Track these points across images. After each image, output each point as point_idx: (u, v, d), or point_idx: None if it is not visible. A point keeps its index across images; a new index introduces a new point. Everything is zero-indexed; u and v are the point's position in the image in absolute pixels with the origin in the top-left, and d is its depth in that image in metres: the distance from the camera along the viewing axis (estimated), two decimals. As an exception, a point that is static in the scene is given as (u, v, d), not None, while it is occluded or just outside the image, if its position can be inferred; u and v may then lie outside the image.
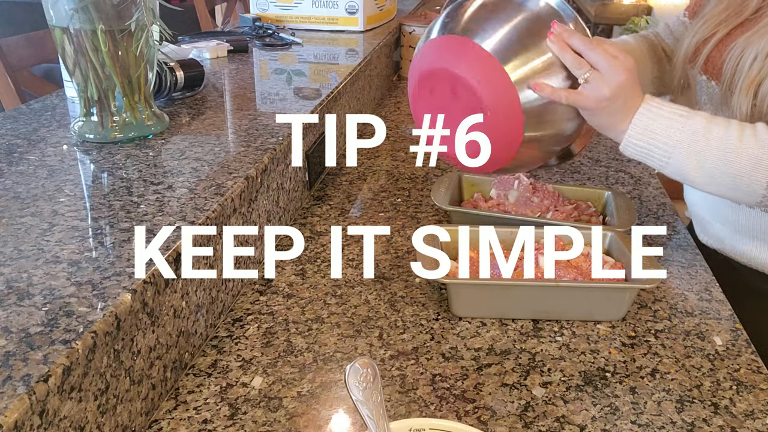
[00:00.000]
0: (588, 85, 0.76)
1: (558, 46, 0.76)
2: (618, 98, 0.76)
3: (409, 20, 1.86)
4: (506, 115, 0.77)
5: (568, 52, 0.76)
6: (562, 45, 0.76)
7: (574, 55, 0.76)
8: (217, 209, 0.73)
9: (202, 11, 2.61)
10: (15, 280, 0.58)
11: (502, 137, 0.79)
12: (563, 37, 0.76)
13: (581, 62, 0.76)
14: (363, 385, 0.54)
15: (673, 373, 0.72)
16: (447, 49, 0.80)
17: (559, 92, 0.76)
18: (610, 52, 0.76)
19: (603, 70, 0.76)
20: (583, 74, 0.76)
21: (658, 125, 0.78)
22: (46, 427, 0.47)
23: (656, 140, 0.78)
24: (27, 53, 1.61)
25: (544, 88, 0.76)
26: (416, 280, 0.88)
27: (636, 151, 0.80)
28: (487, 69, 0.76)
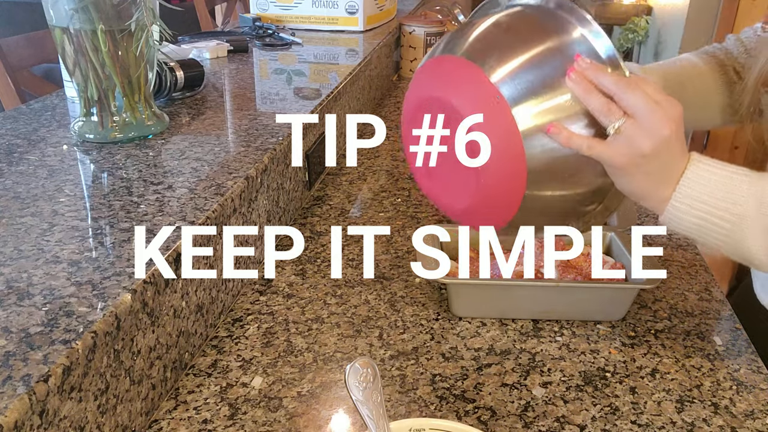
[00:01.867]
0: (620, 137, 0.59)
1: (581, 87, 0.59)
2: (659, 156, 0.60)
3: (409, 20, 1.86)
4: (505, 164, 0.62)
5: (595, 94, 0.59)
6: (586, 85, 0.59)
7: (602, 98, 0.59)
8: (217, 209, 0.73)
9: (202, 11, 2.61)
10: (15, 280, 0.58)
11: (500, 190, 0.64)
12: (589, 75, 0.59)
13: (611, 108, 0.59)
14: (363, 385, 0.54)
15: (673, 373, 0.72)
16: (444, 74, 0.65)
17: (578, 139, 0.60)
18: (652, 95, 0.59)
19: (642, 118, 0.59)
20: (613, 123, 0.59)
21: (713, 194, 0.61)
22: (46, 427, 0.47)
23: (712, 214, 0.62)
24: (27, 53, 1.61)
25: (561, 131, 0.59)
26: (416, 280, 0.88)
27: (684, 225, 0.64)
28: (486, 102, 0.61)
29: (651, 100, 0.59)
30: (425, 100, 0.67)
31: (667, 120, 0.59)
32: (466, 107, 0.62)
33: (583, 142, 0.60)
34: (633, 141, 0.59)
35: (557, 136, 0.60)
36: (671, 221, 0.64)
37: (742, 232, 0.62)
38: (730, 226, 0.62)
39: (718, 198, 0.61)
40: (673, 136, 0.60)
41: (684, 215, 0.63)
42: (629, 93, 0.59)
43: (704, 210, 0.62)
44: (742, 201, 0.61)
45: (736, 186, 0.61)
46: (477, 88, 0.61)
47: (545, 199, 0.65)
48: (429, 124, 0.67)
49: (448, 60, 0.65)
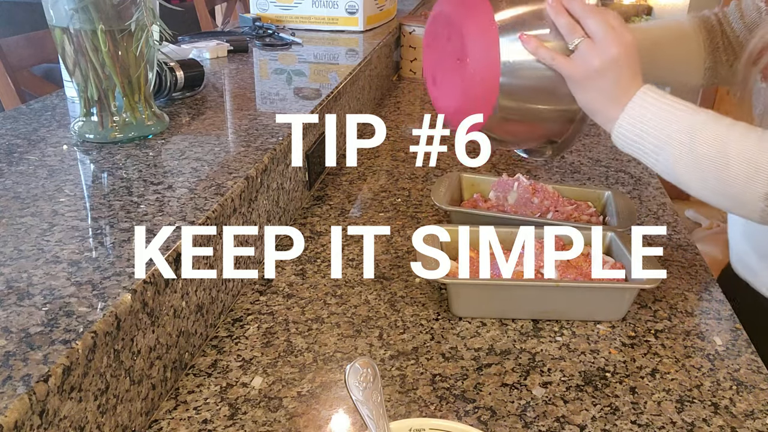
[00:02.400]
0: (577, 53, 0.72)
1: (554, 9, 0.72)
2: (608, 73, 0.71)
3: (409, 20, 1.86)
4: (485, 63, 0.75)
5: (563, 16, 0.72)
6: (558, 8, 0.72)
7: (569, 20, 0.72)
8: (217, 209, 0.73)
9: (202, 11, 2.61)
10: (15, 280, 0.58)
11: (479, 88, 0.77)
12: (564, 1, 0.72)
13: (575, 27, 0.72)
14: (363, 385, 0.54)
15: (673, 373, 0.72)
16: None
17: (544, 50, 0.72)
18: (610, 22, 0.71)
19: (597, 39, 0.71)
20: (574, 40, 0.72)
21: (651, 116, 0.71)
22: (46, 427, 0.47)
23: (647, 133, 0.71)
24: (27, 53, 1.61)
25: (530, 40, 0.73)
26: (416, 280, 0.88)
27: (626, 144, 0.74)
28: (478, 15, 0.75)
29: (608, 25, 0.71)
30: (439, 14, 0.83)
31: (618, 42, 0.71)
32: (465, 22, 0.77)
33: (547, 53, 0.73)
34: (587, 56, 0.71)
35: (527, 44, 0.73)
36: (617, 139, 0.74)
37: (669, 153, 0.70)
38: (660, 144, 0.71)
39: (656, 119, 0.71)
40: (621, 57, 0.71)
41: (627, 132, 0.73)
42: (591, 17, 0.71)
43: (642, 129, 0.71)
44: (672, 125, 0.70)
45: (672, 112, 0.71)
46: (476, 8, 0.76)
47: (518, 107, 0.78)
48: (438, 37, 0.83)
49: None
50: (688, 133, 0.69)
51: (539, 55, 0.73)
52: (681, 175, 0.71)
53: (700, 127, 0.69)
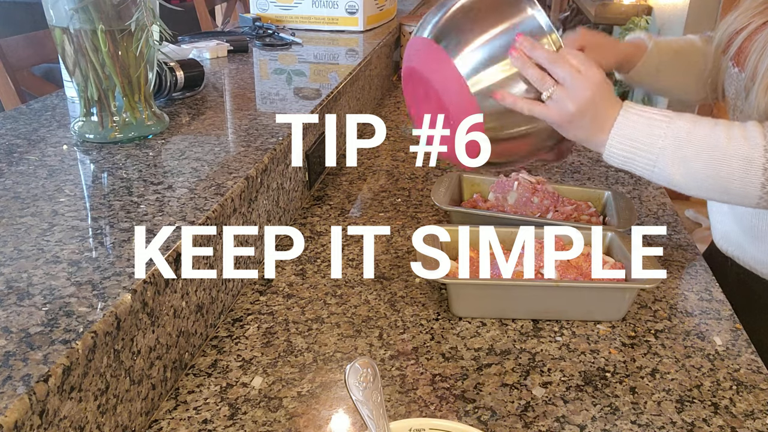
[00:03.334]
0: (552, 101, 0.74)
1: (520, 62, 0.74)
2: (586, 113, 0.74)
3: (409, 20, 1.86)
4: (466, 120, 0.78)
5: (531, 68, 0.74)
6: (524, 60, 0.74)
7: (536, 71, 0.74)
8: (217, 209, 0.73)
9: (202, 11, 2.61)
10: (15, 280, 0.58)
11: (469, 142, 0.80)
12: (526, 51, 0.74)
13: (544, 78, 0.74)
14: (363, 385, 0.54)
15: (673, 373, 0.72)
16: (419, 51, 0.82)
17: (520, 102, 0.75)
18: (576, 66, 0.74)
19: (567, 85, 0.74)
20: (546, 90, 0.74)
21: (639, 133, 0.75)
22: (46, 427, 0.47)
23: (639, 149, 0.75)
24: (27, 53, 1.61)
25: (506, 97, 0.75)
26: (416, 280, 0.88)
27: (620, 161, 0.77)
28: (449, 76, 0.77)
29: (574, 69, 0.74)
30: (411, 69, 0.85)
31: (588, 84, 0.73)
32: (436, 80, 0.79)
33: (524, 105, 0.75)
34: (562, 104, 0.74)
35: (503, 101, 0.75)
36: (609, 157, 0.77)
37: (664, 162, 0.74)
38: (653, 157, 0.75)
39: (643, 135, 0.74)
40: (595, 96, 0.74)
41: (618, 151, 0.76)
42: (557, 65, 0.74)
43: (633, 146, 0.75)
44: (662, 136, 0.74)
45: (657, 125, 0.74)
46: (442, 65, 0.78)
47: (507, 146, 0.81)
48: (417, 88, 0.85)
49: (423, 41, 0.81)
50: (676, 143, 0.74)
51: (518, 109, 0.75)
52: (679, 183, 0.75)
53: (685, 134, 0.74)
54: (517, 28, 0.75)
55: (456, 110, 0.78)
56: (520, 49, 0.74)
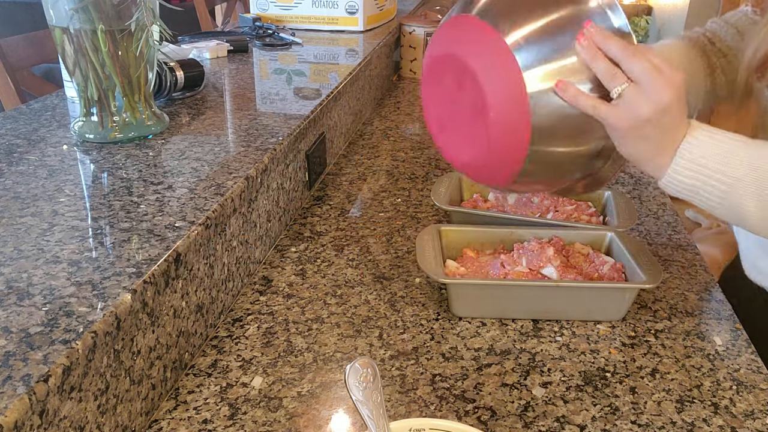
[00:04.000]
0: (622, 101, 0.62)
1: (589, 52, 0.62)
2: (659, 122, 0.62)
3: (409, 20, 1.86)
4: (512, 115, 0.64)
5: (601, 60, 0.62)
6: (593, 51, 0.62)
7: (607, 63, 0.62)
8: (217, 209, 0.73)
9: (202, 11, 2.61)
10: (15, 280, 0.58)
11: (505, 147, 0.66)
12: (597, 41, 0.62)
13: (616, 73, 0.62)
14: (363, 385, 0.54)
15: (673, 373, 0.72)
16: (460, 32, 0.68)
17: (584, 98, 0.62)
18: (655, 63, 0.62)
19: (644, 84, 0.61)
20: (617, 87, 0.62)
21: (710, 159, 0.63)
22: (46, 427, 0.47)
23: (710, 176, 0.64)
24: (27, 53, 1.61)
25: (567, 89, 0.62)
26: (416, 280, 0.88)
27: (683, 189, 0.66)
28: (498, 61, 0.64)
29: (653, 67, 0.61)
30: (444, 56, 0.69)
31: (668, 87, 0.62)
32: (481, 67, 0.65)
33: (588, 102, 0.62)
34: (634, 105, 0.62)
35: (564, 93, 0.62)
36: (669, 184, 0.66)
37: (737, 196, 0.64)
38: (726, 188, 0.64)
39: (716, 162, 0.63)
40: (673, 103, 0.62)
41: (682, 178, 0.65)
42: (633, 60, 0.61)
43: (703, 173, 0.64)
44: (737, 165, 0.63)
45: (733, 151, 0.63)
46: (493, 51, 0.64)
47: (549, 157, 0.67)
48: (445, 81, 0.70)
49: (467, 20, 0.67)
50: (755, 173, 0.63)
51: (579, 105, 0.63)
52: (751, 219, 0.65)
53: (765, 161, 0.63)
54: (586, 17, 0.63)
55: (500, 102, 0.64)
56: (589, 36, 0.62)
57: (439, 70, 0.72)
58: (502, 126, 0.65)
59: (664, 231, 1.04)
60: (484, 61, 0.65)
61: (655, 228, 1.04)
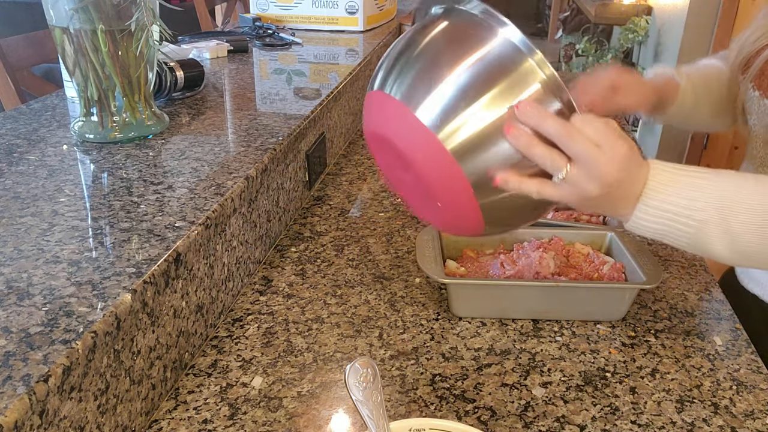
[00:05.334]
0: (566, 183, 0.59)
1: (521, 141, 0.56)
2: (608, 195, 0.60)
3: (409, 20, 1.86)
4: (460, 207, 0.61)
5: (537, 147, 0.57)
6: (526, 140, 0.56)
7: (544, 149, 0.57)
8: (217, 209, 0.73)
9: (202, 11, 2.61)
10: (15, 280, 0.58)
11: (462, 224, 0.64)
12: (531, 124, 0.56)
13: (554, 158, 0.58)
14: (363, 385, 0.54)
15: (673, 373, 0.72)
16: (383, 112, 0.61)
17: (527, 185, 0.58)
18: (595, 139, 0.58)
19: (585, 166, 0.58)
20: (559, 173, 0.58)
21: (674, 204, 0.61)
22: (46, 427, 0.47)
23: (674, 221, 0.62)
24: (27, 53, 1.61)
25: (510, 180, 0.58)
26: (416, 280, 0.88)
27: (648, 232, 0.64)
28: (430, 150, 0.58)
29: (592, 147, 0.57)
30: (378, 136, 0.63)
31: (610, 164, 0.58)
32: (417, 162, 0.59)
33: (532, 188, 0.59)
34: (579, 187, 0.59)
35: (506, 186, 0.58)
36: (636, 228, 0.64)
37: (704, 236, 0.62)
38: (693, 231, 0.62)
39: (681, 206, 0.61)
40: (621, 173, 0.59)
41: (648, 224, 0.63)
42: (570, 141, 0.57)
43: (667, 218, 0.62)
44: (702, 206, 0.61)
45: (697, 191, 0.61)
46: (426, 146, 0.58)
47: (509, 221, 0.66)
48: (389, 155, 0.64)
49: (382, 98, 0.61)
50: (720, 214, 0.61)
51: (523, 192, 0.59)
52: (722, 256, 0.64)
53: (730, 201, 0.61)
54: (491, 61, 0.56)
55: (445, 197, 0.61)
56: (517, 129, 0.56)
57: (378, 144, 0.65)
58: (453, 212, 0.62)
59: (664, 231, 1.04)
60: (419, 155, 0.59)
61: (655, 228, 1.04)
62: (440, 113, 0.56)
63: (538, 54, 0.56)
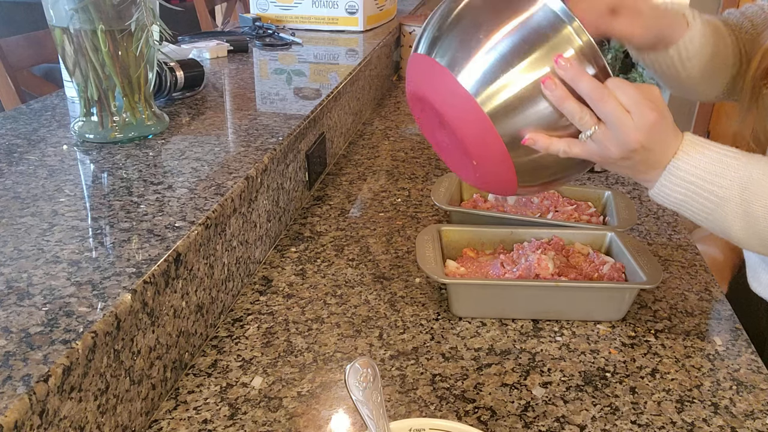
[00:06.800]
0: (592, 142, 0.62)
1: (556, 95, 0.59)
2: (632, 157, 0.62)
3: (409, 20, 1.86)
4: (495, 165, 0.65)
5: (569, 102, 0.60)
6: (561, 93, 0.59)
7: (576, 105, 0.60)
8: (217, 209, 0.73)
9: (202, 11, 2.61)
10: (15, 280, 0.58)
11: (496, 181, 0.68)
12: (567, 79, 0.59)
13: (584, 116, 0.61)
14: (363, 385, 0.54)
15: (673, 373, 0.72)
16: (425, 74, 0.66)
17: (556, 144, 0.62)
18: (625, 104, 0.60)
19: (611, 128, 0.61)
20: (586, 131, 0.61)
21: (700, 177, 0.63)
22: (46, 427, 0.47)
23: (697, 194, 0.63)
24: (27, 53, 1.61)
25: (538, 140, 0.62)
26: (416, 280, 0.88)
27: (669, 201, 0.65)
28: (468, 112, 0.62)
29: (621, 111, 0.60)
30: (418, 96, 0.68)
31: (636, 132, 0.60)
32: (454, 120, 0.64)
33: (560, 147, 0.62)
34: (603, 147, 0.62)
35: (535, 146, 0.62)
36: (658, 196, 0.66)
37: (724, 214, 0.63)
38: (713, 207, 0.63)
39: (706, 180, 0.63)
40: (647, 142, 0.61)
41: (671, 192, 0.64)
42: (602, 102, 0.60)
43: (691, 189, 0.63)
44: (727, 184, 0.62)
45: (724, 169, 0.62)
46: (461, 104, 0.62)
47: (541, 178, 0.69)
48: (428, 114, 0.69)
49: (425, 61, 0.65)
50: (743, 195, 0.62)
51: (552, 151, 0.62)
52: (736, 237, 0.65)
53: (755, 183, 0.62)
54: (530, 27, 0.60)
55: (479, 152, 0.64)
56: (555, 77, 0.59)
57: (418, 104, 0.70)
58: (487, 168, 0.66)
59: (664, 231, 1.04)
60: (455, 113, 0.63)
61: (655, 228, 1.04)
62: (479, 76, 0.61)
63: (576, 21, 0.59)
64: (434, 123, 0.68)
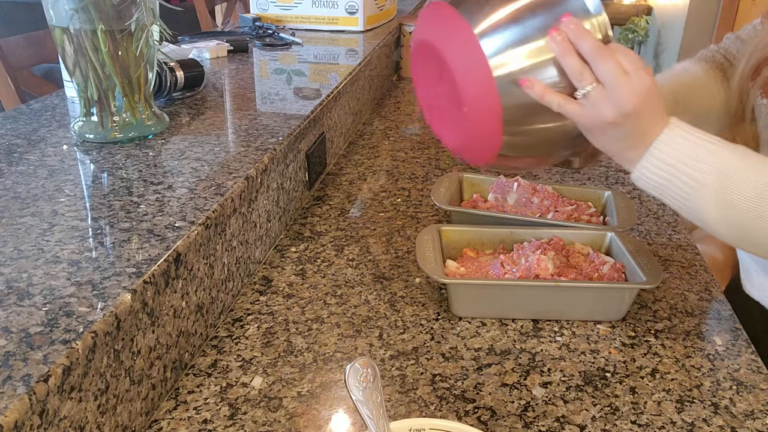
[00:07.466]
0: (587, 101, 0.62)
1: (561, 47, 0.61)
2: (624, 124, 0.63)
3: (409, 20, 1.86)
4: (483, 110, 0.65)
5: (572, 57, 0.61)
6: (565, 46, 0.61)
7: (577, 61, 0.61)
8: (217, 209, 0.73)
9: (202, 11, 2.61)
10: (15, 280, 0.58)
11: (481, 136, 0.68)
12: (571, 36, 0.61)
13: (584, 72, 0.62)
14: (363, 385, 0.54)
15: (673, 373, 0.72)
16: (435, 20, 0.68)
17: (549, 95, 0.62)
18: (625, 66, 0.61)
19: (609, 88, 0.61)
20: (583, 87, 0.62)
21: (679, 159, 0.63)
22: (46, 427, 0.47)
23: (676, 177, 0.63)
24: (27, 53, 1.61)
25: (534, 85, 0.62)
26: (416, 280, 0.88)
27: (649, 184, 0.66)
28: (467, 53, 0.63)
29: (621, 71, 0.61)
30: (424, 43, 0.70)
31: (632, 94, 0.61)
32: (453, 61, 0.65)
33: (554, 99, 0.62)
34: (598, 108, 0.62)
35: (530, 90, 0.62)
36: (638, 179, 0.66)
37: (701, 199, 0.63)
38: (690, 191, 0.64)
39: (687, 164, 0.63)
40: (640, 108, 0.62)
41: (651, 174, 0.65)
42: (602, 62, 0.61)
43: (671, 173, 0.64)
44: (707, 169, 0.63)
45: (705, 154, 0.63)
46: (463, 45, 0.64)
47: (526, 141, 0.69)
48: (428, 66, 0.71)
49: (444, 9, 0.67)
50: (720, 181, 0.62)
51: (545, 101, 0.63)
52: (711, 225, 0.65)
53: (734, 171, 0.62)
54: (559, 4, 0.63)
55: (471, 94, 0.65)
56: (562, 33, 0.61)
57: (422, 54, 0.72)
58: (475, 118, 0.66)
59: (664, 231, 1.04)
60: (456, 54, 0.65)
61: (655, 228, 1.04)
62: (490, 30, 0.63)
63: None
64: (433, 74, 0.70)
